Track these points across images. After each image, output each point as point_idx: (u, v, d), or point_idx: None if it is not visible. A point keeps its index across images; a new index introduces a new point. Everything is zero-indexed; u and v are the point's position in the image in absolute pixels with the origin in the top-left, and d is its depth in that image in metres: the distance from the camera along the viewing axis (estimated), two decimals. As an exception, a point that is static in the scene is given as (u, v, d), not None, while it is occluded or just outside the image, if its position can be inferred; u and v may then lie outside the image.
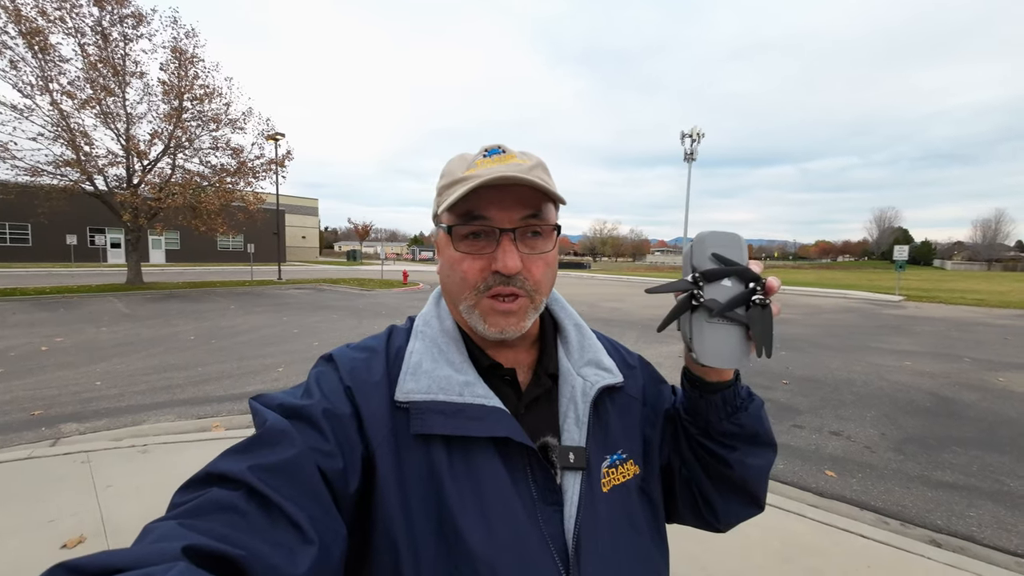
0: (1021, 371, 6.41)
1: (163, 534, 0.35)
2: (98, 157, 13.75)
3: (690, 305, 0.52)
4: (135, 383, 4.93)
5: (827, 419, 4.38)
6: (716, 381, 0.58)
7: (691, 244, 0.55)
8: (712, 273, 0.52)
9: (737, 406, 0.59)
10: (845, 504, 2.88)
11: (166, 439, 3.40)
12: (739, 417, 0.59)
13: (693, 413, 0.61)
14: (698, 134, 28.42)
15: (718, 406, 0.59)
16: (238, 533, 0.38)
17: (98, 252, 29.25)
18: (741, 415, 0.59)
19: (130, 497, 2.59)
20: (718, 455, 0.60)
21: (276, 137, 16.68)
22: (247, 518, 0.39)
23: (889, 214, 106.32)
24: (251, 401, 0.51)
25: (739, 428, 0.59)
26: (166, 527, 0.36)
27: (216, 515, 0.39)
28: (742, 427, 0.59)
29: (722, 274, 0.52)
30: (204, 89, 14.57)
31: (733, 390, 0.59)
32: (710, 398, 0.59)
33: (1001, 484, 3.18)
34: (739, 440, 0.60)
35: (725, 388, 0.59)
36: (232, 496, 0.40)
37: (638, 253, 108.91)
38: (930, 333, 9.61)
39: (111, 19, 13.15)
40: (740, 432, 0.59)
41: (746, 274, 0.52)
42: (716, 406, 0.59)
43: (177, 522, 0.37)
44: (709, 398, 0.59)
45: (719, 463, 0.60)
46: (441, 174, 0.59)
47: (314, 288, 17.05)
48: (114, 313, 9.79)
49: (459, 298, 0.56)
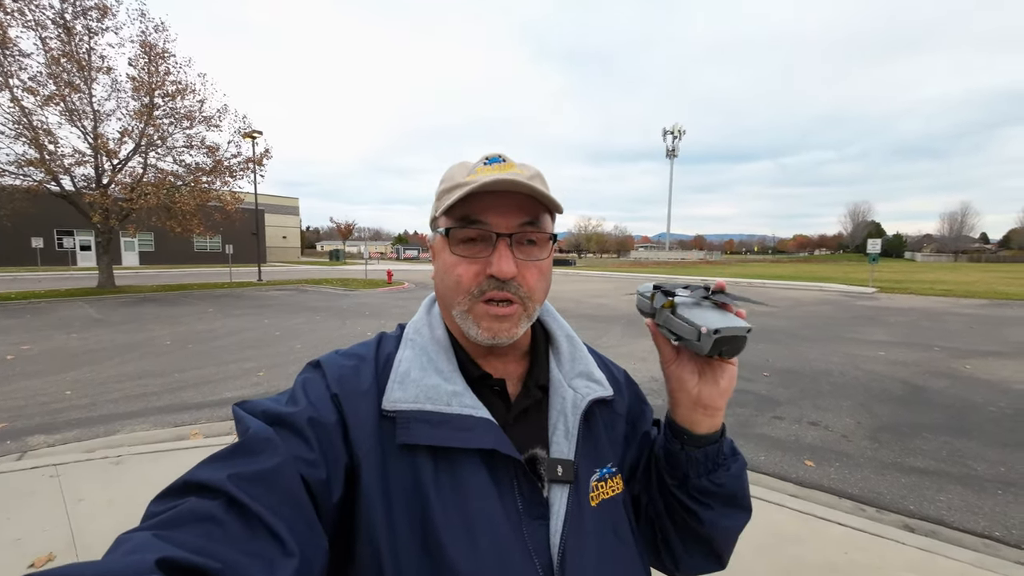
0: (986, 358, 6.70)
1: (137, 545, 0.34)
2: (64, 156, 13.15)
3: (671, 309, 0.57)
4: (108, 391, 4.76)
5: (806, 409, 4.50)
6: (705, 434, 0.58)
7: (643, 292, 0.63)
8: (673, 285, 0.61)
9: (719, 463, 0.58)
10: (824, 493, 2.97)
11: (141, 449, 3.29)
12: (719, 476, 0.58)
13: (672, 463, 0.59)
14: (679, 131, 28.83)
15: (699, 462, 0.57)
16: (215, 544, 0.36)
17: (67, 255, 28.12)
18: (721, 474, 0.58)
19: (103, 511, 2.49)
20: (690, 509, 0.58)
21: (253, 135, 16.25)
22: (225, 529, 0.38)
23: (862, 208, 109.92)
24: (234, 407, 0.50)
25: (717, 488, 0.58)
26: (140, 538, 0.35)
27: (193, 526, 0.37)
28: (721, 487, 0.58)
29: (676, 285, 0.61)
30: (176, 85, 14.08)
31: (717, 446, 0.58)
32: (692, 453, 0.57)
33: (969, 468, 3.31)
34: (715, 499, 0.58)
35: (711, 443, 0.58)
36: (210, 506, 0.39)
37: (622, 249, 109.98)
38: (902, 323, 9.96)
39: (73, 12, 12.58)
40: (718, 492, 0.58)
41: (694, 284, 0.60)
42: (697, 462, 0.57)
43: (152, 533, 0.35)
44: (691, 452, 0.58)
45: (689, 516, 0.59)
46: (441, 180, 0.59)
47: (296, 289, 16.71)
48: (85, 318, 9.42)
49: (453, 302, 0.56)
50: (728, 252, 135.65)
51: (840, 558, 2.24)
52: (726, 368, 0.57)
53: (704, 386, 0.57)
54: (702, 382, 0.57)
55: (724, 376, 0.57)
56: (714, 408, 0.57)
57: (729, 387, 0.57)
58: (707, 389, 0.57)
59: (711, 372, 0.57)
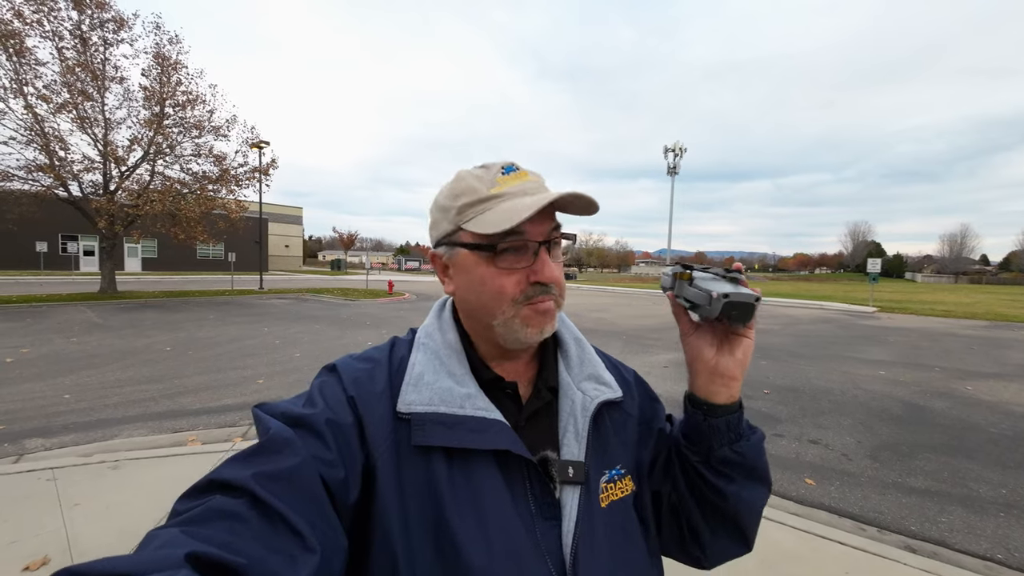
0: (987, 380, 6.68)
1: (166, 541, 0.35)
2: (73, 162, 13.35)
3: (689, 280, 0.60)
4: (106, 396, 4.75)
5: (806, 427, 4.47)
6: (725, 404, 0.59)
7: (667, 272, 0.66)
8: (693, 263, 0.63)
9: (740, 433, 0.60)
10: (824, 512, 2.94)
11: (139, 454, 3.27)
12: (741, 445, 0.59)
13: (694, 438, 0.61)
14: (680, 148, 29.19)
15: (721, 431, 0.59)
16: (240, 541, 0.38)
17: (70, 260, 28.24)
18: (743, 444, 0.60)
19: (99, 516, 2.48)
20: (715, 485, 0.59)
21: (260, 145, 16.47)
22: (249, 525, 0.39)
23: (862, 228, 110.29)
24: (254, 409, 0.52)
25: (740, 457, 0.59)
26: (169, 534, 0.36)
27: (219, 522, 0.39)
28: (743, 456, 0.59)
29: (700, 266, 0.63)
30: (187, 96, 14.36)
31: (738, 416, 0.60)
32: (714, 422, 0.59)
33: (970, 489, 3.29)
34: (738, 471, 0.59)
35: (730, 412, 0.59)
36: (235, 504, 0.40)
37: (623, 264, 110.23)
38: (902, 343, 9.94)
39: (91, 23, 12.91)
40: (741, 462, 0.59)
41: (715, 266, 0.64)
42: (719, 431, 0.59)
43: (180, 529, 0.37)
44: (713, 422, 0.59)
45: (715, 494, 0.60)
46: (455, 192, 0.57)
47: (296, 298, 16.73)
48: (85, 323, 9.44)
49: (495, 313, 0.55)
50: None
51: (841, 578, 2.21)
52: (742, 340, 0.59)
53: (721, 357, 0.59)
54: (719, 353, 0.59)
55: (740, 347, 0.59)
56: (731, 378, 0.59)
57: (746, 358, 0.59)
58: (724, 359, 0.59)
59: (728, 343, 0.59)
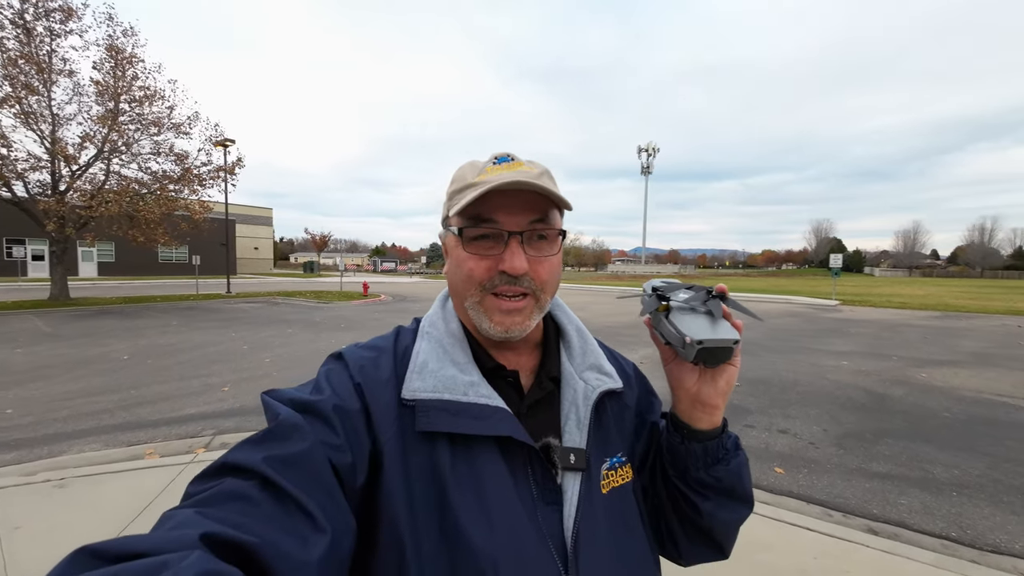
0: (940, 367, 7.06)
1: (181, 521, 0.36)
2: (17, 160, 12.47)
3: (666, 313, 0.58)
4: (54, 409, 4.44)
5: (775, 418, 4.61)
6: (705, 429, 0.59)
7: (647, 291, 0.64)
8: (673, 285, 0.62)
9: (718, 458, 0.60)
10: (793, 499, 3.03)
11: (88, 471, 3.06)
12: (717, 470, 0.59)
13: (673, 456, 0.61)
14: (653, 148, 29.83)
15: (697, 455, 0.59)
16: (252, 521, 0.39)
17: (16, 265, 26.40)
18: (719, 468, 0.59)
19: (41, 539, 2.30)
20: (690, 500, 0.60)
21: (226, 143, 15.85)
22: (261, 507, 0.40)
23: (824, 225, 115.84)
24: (263, 396, 0.53)
25: (715, 481, 0.59)
26: (184, 515, 0.37)
27: (231, 504, 0.40)
28: (719, 480, 0.59)
29: (681, 286, 0.62)
30: (144, 91, 13.65)
31: (717, 442, 0.60)
32: (691, 446, 0.59)
33: (926, 472, 3.45)
34: (713, 492, 0.60)
35: (709, 439, 0.59)
36: (246, 486, 0.41)
37: (600, 263, 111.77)
38: (863, 334, 10.43)
39: (35, 12, 12.11)
40: (716, 485, 0.59)
41: (698, 286, 0.61)
42: (696, 455, 0.59)
43: (195, 510, 0.38)
44: (690, 446, 0.59)
45: (690, 508, 0.60)
46: (452, 180, 0.61)
47: (267, 301, 16.17)
48: (33, 332, 8.83)
49: (465, 295, 0.58)
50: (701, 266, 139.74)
51: (810, 563, 2.27)
52: (726, 367, 0.58)
53: (703, 385, 0.58)
54: (701, 381, 0.58)
55: (723, 376, 0.58)
56: (712, 406, 0.58)
57: (728, 387, 0.58)
58: (706, 388, 0.58)
59: (710, 372, 0.58)
